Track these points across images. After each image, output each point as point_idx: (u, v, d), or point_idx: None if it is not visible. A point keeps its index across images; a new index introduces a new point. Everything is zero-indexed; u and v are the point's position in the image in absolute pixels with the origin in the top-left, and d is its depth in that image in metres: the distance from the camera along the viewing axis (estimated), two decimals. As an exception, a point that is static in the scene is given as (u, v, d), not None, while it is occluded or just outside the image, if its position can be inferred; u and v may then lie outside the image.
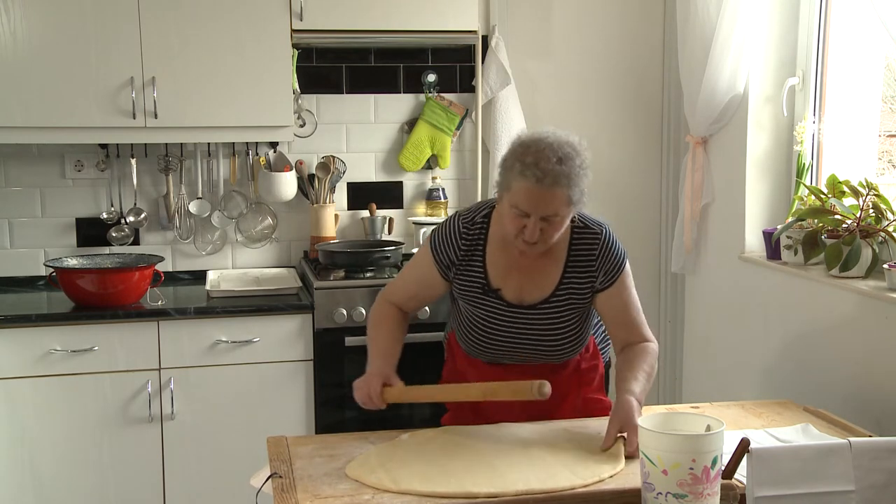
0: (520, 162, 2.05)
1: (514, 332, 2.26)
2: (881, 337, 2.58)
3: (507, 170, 2.09)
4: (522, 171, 2.03)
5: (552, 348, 2.28)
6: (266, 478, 1.94)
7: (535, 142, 2.07)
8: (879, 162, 3.11)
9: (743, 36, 3.16)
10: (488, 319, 2.26)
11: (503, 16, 3.78)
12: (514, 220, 2.09)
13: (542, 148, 2.04)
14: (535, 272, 2.23)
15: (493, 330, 2.27)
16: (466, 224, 2.25)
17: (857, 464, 1.86)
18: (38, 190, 3.57)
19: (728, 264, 3.40)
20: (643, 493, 1.77)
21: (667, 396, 4.00)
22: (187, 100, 3.27)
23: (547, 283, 2.24)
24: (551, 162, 2.02)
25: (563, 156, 2.04)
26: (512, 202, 2.08)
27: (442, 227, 2.28)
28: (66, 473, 3.13)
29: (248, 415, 3.22)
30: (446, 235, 2.26)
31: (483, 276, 2.24)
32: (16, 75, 3.15)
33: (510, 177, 2.07)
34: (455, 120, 3.79)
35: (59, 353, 3.08)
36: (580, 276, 2.24)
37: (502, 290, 2.23)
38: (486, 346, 2.30)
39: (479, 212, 2.27)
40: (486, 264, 2.24)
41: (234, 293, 3.34)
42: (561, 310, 2.24)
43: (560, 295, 2.23)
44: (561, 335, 2.27)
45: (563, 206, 2.07)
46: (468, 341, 2.33)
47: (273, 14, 3.29)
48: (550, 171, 2.02)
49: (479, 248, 2.24)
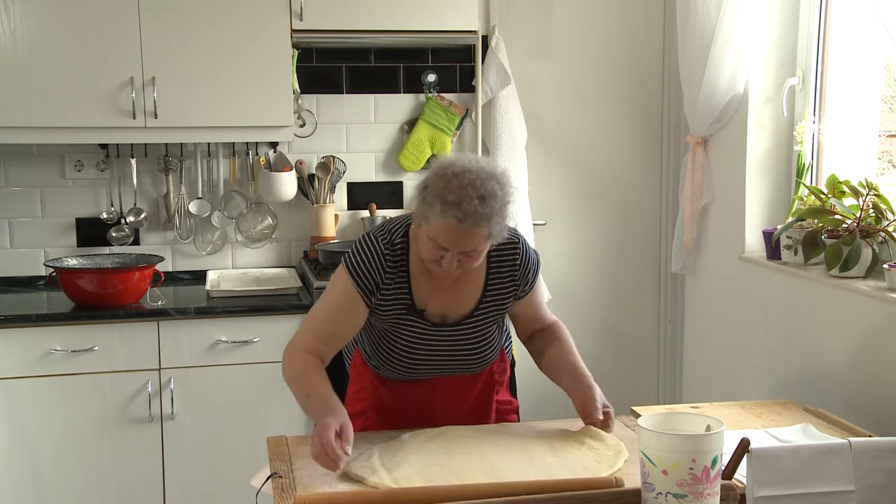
0: (441, 200, 1.95)
1: (437, 350, 2.21)
2: (881, 337, 2.58)
3: (427, 204, 1.99)
4: (443, 211, 1.94)
5: (473, 361, 2.26)
6: (266, 478, 1.94)
7: (457, 176, 1.96)
8: (879, 162, 3.11)
9: (743, 36, 3.16)
10: (411, 340, 2.20)
11: (503, 16, 3.78)
12: (431, 250, 2.03)
13: (464, 185, 1.94)
14: (456, 291, 2.18)
15: (415, 350, 2.21)
16: (387, 245, 2.13)
17: (857, 464, 1.86)
18: (38, 190, 3.57)
19: (728, 264, 3.40)
20: (643, 493, 1.77)
21: (667, 396, 4.00)
22: (187, 100, 3.27)
23: (468, 299, 2.19)
24: (473, 202, 1.93)
25: (486, 193, 1.95)
26: (430, 235, 2.00)
27: (360, 252, 2.13)
28: (66, 473, 3.13)
29: (248, 415, 3.22)
30: (368, 258, 2.12)
31: (408, 298, 2.15)
32: (16, 75, 3.15)
33: (430, 212, 1.98)
34: (455, 120, 3.79)
35: (59, 353, 3.08)
36: (502, 289, 2.20)
37: (427, 311, 2.18)
38: (407, 366, 2.23)
39: (395, 232, 2.15)
40: (411, 285, 2.15)
41: (234, 293, 3.35)
42: (482, 324, 2.21)
43: (482, 309, 2.20)
44: (482, 347, 2.24)
45: (482, 242, 2.01)
46: (385, 362, 2.25)
47: (273, 14, 3.29)
48: (472, 213, 1.94)
49: (403, 270, 2.14)
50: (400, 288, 2.15)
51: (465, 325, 2.20)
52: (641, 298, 4.01)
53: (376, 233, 2.17)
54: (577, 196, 3.93)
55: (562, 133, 3.92)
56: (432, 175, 2.02)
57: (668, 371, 4.00)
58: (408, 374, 2.26)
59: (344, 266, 2.15)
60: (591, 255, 3.97)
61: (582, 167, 3.95)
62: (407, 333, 2.19)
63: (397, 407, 2.31)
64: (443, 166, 2.01)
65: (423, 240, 2.04)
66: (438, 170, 2.01)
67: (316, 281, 3.29)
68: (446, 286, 2.16)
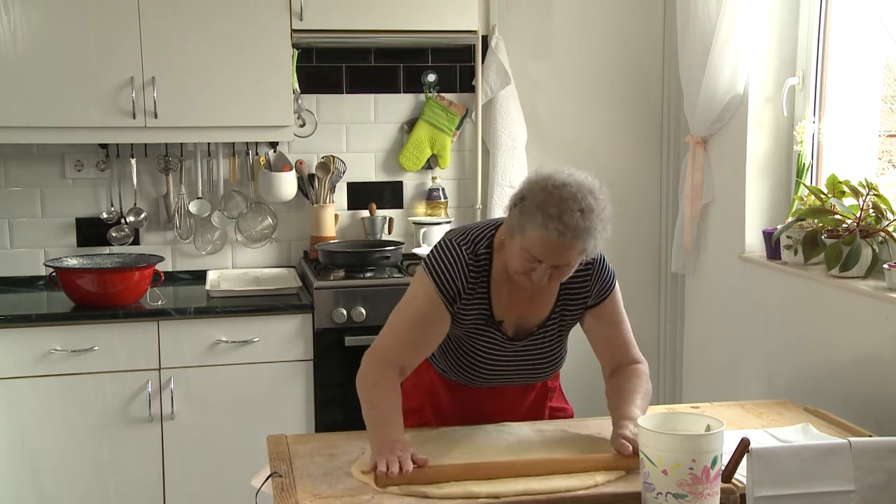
0: (542, 212, 1.92)
1: (509, 362, 2.20)
2: (881, 337, 2.58)
3: (526, 215, 1.95)
4: (544, 223, 1.91)
5: (540, 372, 2.25)
6: (266, 477, 1.94)
7: (557, 188, 1.94)
8: (879, 162, 3.11)
9: (743, 36, 3.16)
10: (487, 351, 2.18)
11: (503, 16, 3.78)
12: (523, 262, 2.00)
13: (565, 198, 1.93)
14: (532, 303, 2.16)
15: (490, 361, 2.19)
16: (471, 255, 2.09)
17: (857, 464, 1.86)
18: (38, 190, 3.57)
19: (728, 264, 3.40)
20: (643, 494, 1.77)
21: (667, 396, 4.00)
22: (187, 100, 3.27)
23: (542, 310, 2.18)
24: (575, 216, 1.92)
25: (586, 207, 1.94)
26: (525, 246, 1.97)
27: (443, 258, 2.09)
28: (66, 473, 3.13)
29: (248, 415, 3.22)
30: (452, 265, 2.08)
31: (488, 309, 2.12)
32: (16, 75, 3.15)
33: (528, 223, 1.95)
34: (455, 120, 3.79)
35: (58, 353, 3.08)
36: (572, 300, 2.19)
37: (504, 322, 2.16)
38: (480, 375, 2.22)
39: (479, 242, 2.11)
40: (492, 297, 2.12)
41: (234, 293, 3.35)
42: (552, 335, 2.20)
43: (553, 319, 2.19)
44: (551, 359, 2.23)
45: (576, 256, 1.99)
46: (455, 368, 2.23)
47: (273, 14, 3.29)
48: (573, 226, 1.92)
49: (485, 280, 2.11)
50: (481, 298, 2.12)
51: (537, 337, 2.18)
52: (641, 298, 4.00)
53: (458, 240, 2.11)
54: (577, 196, 3.93)
55: (562, 133, 3.92)
56: (531, 186, 1.98)
57: (668, 371, 4.00)
58: (477, 382, 2.24)
59: (426, 272, 2.09)
60: (591, 255, 3.96)
61: (582, 167, 3.83)
62: (483, 344, 2.17)
63: (454, 409, 2.29)
64: (542, 177, 1.98)
65: (516, 251, 2.00)
66: (538, 181, 1.98)
67: (316, 281, 3.29)
68: (525, 296, 2.14)
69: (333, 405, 3.27)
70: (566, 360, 2.31)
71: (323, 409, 3.27)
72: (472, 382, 2.24)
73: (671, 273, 3.88)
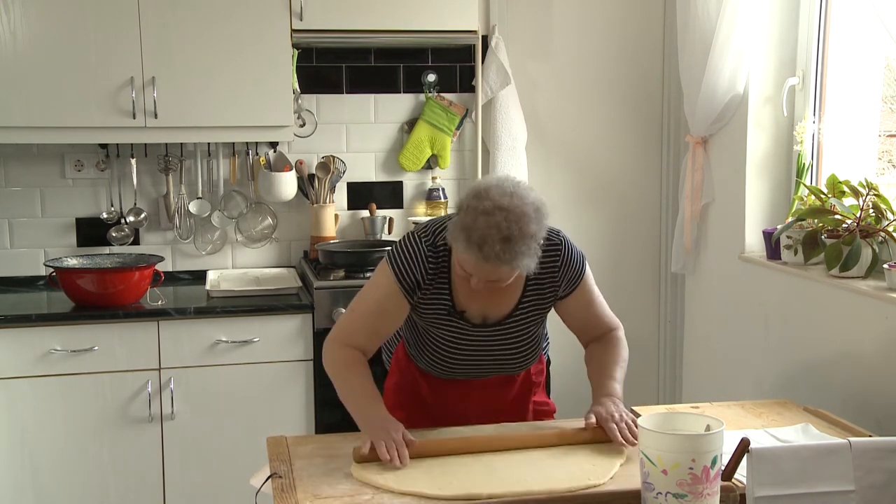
0: (465, 236, 1.93)
1: (477, 350, 2.23)
2: (881, 337, 2.58)
3: (456, 232, 1.96)
4: (468, 248, 1.93)
5: (513, 362, 2.27)
6: (266, 478, 1.94)
7: (484, 215, 1.92)
8: (879, 162, 3.11)
9: (743, 36, 3.16)
10: (452, 340, 2.21)
11: (503, 16, 3.78)
12: (461, 270, 2.05)
13: (490, 225, 1.90)
14: (496, 294, 2.16)
15: (456, 349, 2.22)
16: (430, 247, 2.12)
17: (857, 464, 1.86)
18: (38, 190, 3.57)
19: (728, 264, 3.40)
20: (643, 493, 1.77)
21: (667, 396, 4.00)
22: (187, 100, 3.27)
23: (509, 300, 2.19)
24: (495, 247, 1.90)
25: (512, 235, 1.91)
26: (458, 259, 2.03)
27: (403, 251, 2.14)
28: (66, 473, 3.13)
29: (247, 415, 3.22)
30: (411, 258, 2.12)
31: (449, 299, 2.16)
32: (16, 75, 3.15)
33: (456, 240, 1.97)
34: (455, 120, 3.79)
35: (58, 353, 3.08)
36: (542, 289, 2.19)
37: (467, 312, 2.18)
38: (448, 364, 2.26)
39: (439, 234, 2.14)
40: (452, 288, 2.15)
41: (234, 293, 3.35)
42: (522, 324, 2.21)
43: (522, 309, 2.20)
44: (522, 348, 2.25)
45: (508, 274, 2.01)
46: (428, 360, 2.28)
47: (273, 14, 3.29)
48: (493, 256, 1.91)
49: (444, 272, 2.14)
50: (441, 289, 2.16)
51: (506, 325, 2.21)
52: (641, 298, 4.00)
53: (420, 233, 2.16)
54: (577, 196, 3.93)
55: (562, 133, 3.92)
56: (467, 201, 1.98)
57: (668, 371, 4.00)
58: (447, 373, 2.28)
59: (387, 263, 2.15)
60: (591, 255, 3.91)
61: (582, 167, 3.95)
62: (448, 333, 2.21)
63: (436, 403, 2.33)
64: (479, 194, 1.96)
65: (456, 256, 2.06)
66: (474, 197, 1.97)
67: (316, 281, 3.29)
68: (485, 292, 2.14)
69: (333, 405, 3.25)
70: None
71: (323, 409, 3.27)
72: (443, 373, 2.28)
73: (671, 273, 3.88)
